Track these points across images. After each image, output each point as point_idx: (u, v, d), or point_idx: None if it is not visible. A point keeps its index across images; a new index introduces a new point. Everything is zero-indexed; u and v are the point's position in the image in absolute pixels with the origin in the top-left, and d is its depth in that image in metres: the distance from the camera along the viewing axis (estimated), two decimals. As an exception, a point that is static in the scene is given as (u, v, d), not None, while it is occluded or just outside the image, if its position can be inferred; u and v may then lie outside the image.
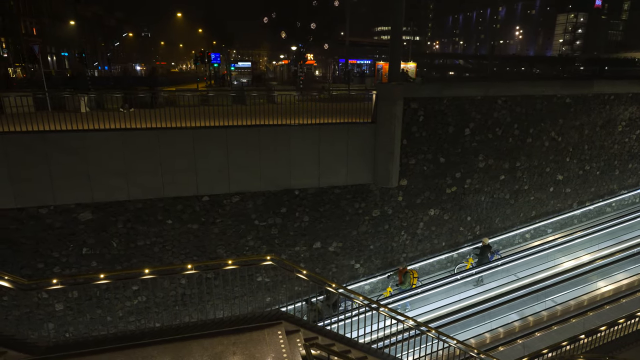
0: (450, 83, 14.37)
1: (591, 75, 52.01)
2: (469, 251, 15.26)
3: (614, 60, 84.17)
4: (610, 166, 17.27)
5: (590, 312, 11.81)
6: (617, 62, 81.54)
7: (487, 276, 14.03)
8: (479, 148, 14.62)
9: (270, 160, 12.34)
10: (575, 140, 16.19)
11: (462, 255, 15.39)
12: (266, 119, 12.53)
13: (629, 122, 16.96)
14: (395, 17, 14.03)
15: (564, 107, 15.58)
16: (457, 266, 14.95)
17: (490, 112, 14.46)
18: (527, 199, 16.09)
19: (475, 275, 13.79)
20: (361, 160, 13.21)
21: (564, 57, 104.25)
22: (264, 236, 12.89)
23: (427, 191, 14.34)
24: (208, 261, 11.17)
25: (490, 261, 14.08)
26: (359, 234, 13.93)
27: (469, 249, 15.28)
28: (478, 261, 14.30)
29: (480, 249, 14.33)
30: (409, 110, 13.26)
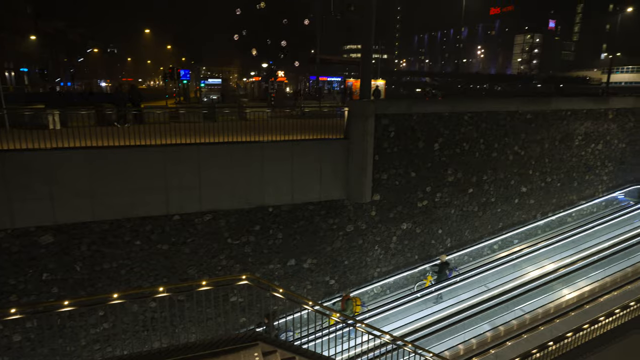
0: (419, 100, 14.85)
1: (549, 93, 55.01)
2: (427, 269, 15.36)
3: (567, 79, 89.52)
4: (570, 178, 18.15)
5: (557, 319, 12.21)
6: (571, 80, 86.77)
7: (447, 293, 14.07)
8: (448, 162, 15.05)
9: (243, 177, 12.22)
10: (537, 153, 16.96)
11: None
12: (238, 135, 12.45)
13: (585, 136, 17.96)
14: (365, 37, 14.43)
15: (525, 123, 16.34)
16: (416, 284, 14.95)
17: (458, 127, 14.97)
18: (494, 211, 16.62)
19: (435, 292, 13.90)
20: (334, 176, 13.31)
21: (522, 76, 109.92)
22: (237, 255, 12.66)
23: (400, 205, 14.56)
24: (179, 283, 10.83)
25: (449, 278, 14.23)
26: (333, 250, 13.92)
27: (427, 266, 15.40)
28: (437, 278, 14.39)
29: (439, 266, 14.46)
30: (380, 127, 13.53)
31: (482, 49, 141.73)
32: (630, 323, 12.02)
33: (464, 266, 15.96)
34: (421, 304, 13.70)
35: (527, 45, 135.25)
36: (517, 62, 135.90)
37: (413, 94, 70.83)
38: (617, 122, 18.56)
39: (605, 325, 11.47)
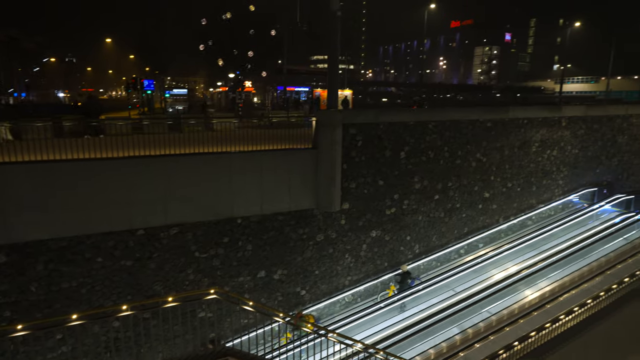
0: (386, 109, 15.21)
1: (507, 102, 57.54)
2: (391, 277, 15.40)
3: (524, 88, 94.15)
4: (529, 183, 18.99)
5: (521, 319, 12.65)
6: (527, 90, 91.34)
7: (414, 299, 14.20)
8: (414, 170, 15.39)
9: (211, 189, 12.00)
10: (498, 160, 17.65)
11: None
12: (205, 146, 12.24)
13: (541, 143, 18.88)
14: (331, 47, 14.63)
15: (486, 131, 17.00)
16: (380, 294, 15.01)
17: (423, 136, 15.37)
18: (459, 216, 17.10)
19: (398, 301, 13.99)
20: (303, 185, 13.30)
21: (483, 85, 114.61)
22: (205, 268, 12.35)
23: (369, 213, 14.72)
24: (144, 300, 10.42)
25: (412, 286, 14.37)
26: (304, 260, 13.86)
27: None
28: (399, 288, 14.51)
29: (401, 276, 14.57)
30: (348, 136, 13.69)
31: (444, 60, 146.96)
32: (588, 319, 12.63)
33: (432, 271, 16.28)
34: (391, 311, 13.84)
35: (486, 56, 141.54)
36: (477, 73, 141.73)
37: (380, 103, 72.29)
38: (570, 129, 19.65)
39: (566, 323, 11.99)
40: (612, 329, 12.70)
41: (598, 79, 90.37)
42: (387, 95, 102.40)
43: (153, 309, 5.70)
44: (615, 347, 13.09)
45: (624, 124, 21.41)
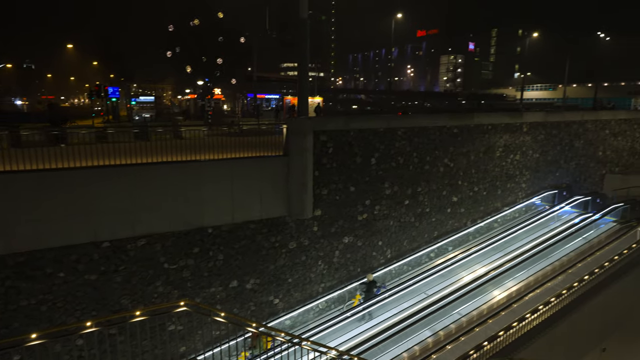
0: (356, 116, 15.39)
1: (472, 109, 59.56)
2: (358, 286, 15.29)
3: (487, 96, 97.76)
4: (494, 187, 19.66)
5: (490, 319, 12.99)
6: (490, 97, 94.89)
7: (385, 305, 14.25)
8: (385, 176, 15.63)
9: (180, 198, 11.73)
10: (464, 165, 18.19)
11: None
12: (174, 155, 11.98)
13: (505, 148, 19.63)
14: (301, 55, 14.71)
15: (452, 137, 17.51)
16: (346, 304, 14.86)
17: (392, 142, 15.65)
18: (429, 220, 17.47)
19: (364, 310, 13.89)
20: (275, 193, 13.23)
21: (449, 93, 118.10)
22: (174, 280, 12.02)
23: (341, 220, 14.80)
24: (110, 315, 10.02)
25: (377, 295, 14.26)
26: (277, 268, 13.74)
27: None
28: (365, 297, 14.39)
29: (367, 285, 14.46)
30: (318, 143, 13.75)
31: (412, 68, 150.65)
32: (552, 317, 13.12)
33: (404, 275, 16.51)
34: (366, 317, 13.91)
35: (451, 65, 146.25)
36: (443, 81, 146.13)
37: (350, 110, 73.10)
38: (531, 134, 20.54)
39: (532, 321, 12.41)
40: (574, 324, 13.24)
41: (556, 86, 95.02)
42: (357, 102, 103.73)
43: (120, 324, 5.49)
44: (577, 342, 13.68)
45: (580, 129, 22.59)
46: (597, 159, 23.84)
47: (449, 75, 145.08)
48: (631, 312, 15.89)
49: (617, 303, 14.81)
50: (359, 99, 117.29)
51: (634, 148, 25.63)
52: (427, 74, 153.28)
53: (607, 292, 14.35)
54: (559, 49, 72.91)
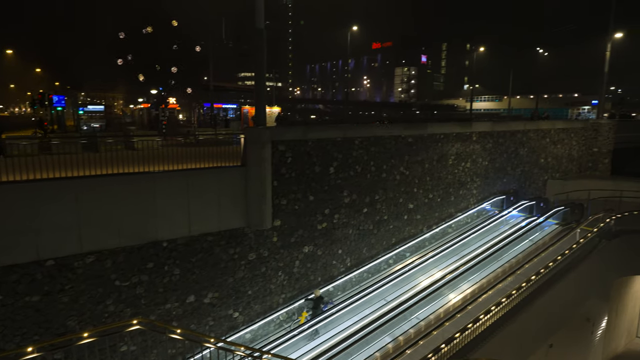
0: (314, 126, 15.56)
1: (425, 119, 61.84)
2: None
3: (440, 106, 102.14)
4: (447, 193, 20.45)
5: (447, 322, 13.38)
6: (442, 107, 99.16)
7: (346, 313, 14.14)
8: (343, 185, 15.83)
9: (133, 212, 11.24)
10: (420, 173, 18.81)
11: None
12: (126, 167, 11.50)
13: (457, 156, 20.52)
14: (258, 64, 14.67)
15: (407, 146, 18.08)
16: (293, 321, 14.48)
17: (350, 151, 15.91)
18: (387, 227, 17.84)
19: (312, 327, 13.31)
20: (233, 204, 13.02)
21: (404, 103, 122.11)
22: (127, 298, 11.44)
23: (300, 229, 14.78)
24: (56, 339, 9.35)
25: (324, 311, 13.79)
26: (236, 281, 13.46)
27: None
28: (312, 314, 13.86)
29: (314, 301, 13.95)
30: (277, 153, 13.72)
31: (368, 79, 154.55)
32: (504, 317, 13.74)
33: (364, 283, 16.70)
34: (327, 325, 13.89)
35: (405, 76, 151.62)
36: (398, 91, 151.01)
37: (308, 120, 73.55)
38: (480, 143, 21.63)
39: (485, 322, 12.93)
40: (523, 323, 13.93)
41: (501, 97, 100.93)
42: (315, 112, 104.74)
43: (65, 348, 5.15)
44: (527, 340, 14.40)
45: (523, 138, 24.08)
46: (539, 166, 25.48)
47: (404, 86, 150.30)
48: (574, 309, 16.96)
49: (561, 301, 15.76)
50: (317, 108, 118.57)
51: (572, 155, 27.66)
52: (382, 85, 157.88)
53: (552, 291, 15.24)
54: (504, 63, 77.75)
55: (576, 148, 27.86)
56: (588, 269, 16.67)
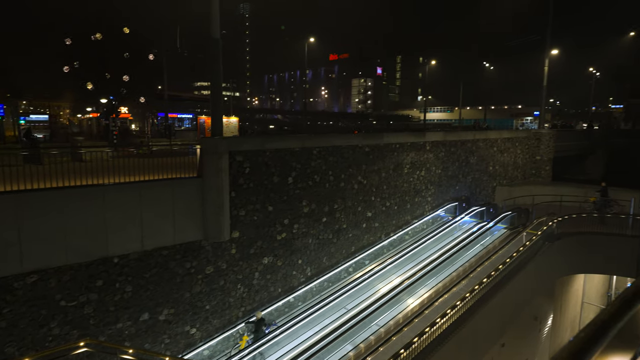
0: (271, 136, 15.54)
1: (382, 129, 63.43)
2: None
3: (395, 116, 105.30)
4: (403, 201, 21.04)
5: (405, 327, 13.68)
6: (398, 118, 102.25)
7: (307, 323, 14.10)
8: (302, 195, 15.86)
9: (80, 227, 10.64)
10: (377, 182, 19.24)
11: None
12: (72, 179, 10.90)
13: (411, 165, 21.20)
14: (214, 74, 14.50)
15: (365, 155, 18.47)
16: (234, 347, 13.65)
17: (308, 161, 16.01)
18: (346, 236, 18.04)
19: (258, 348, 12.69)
20: (189, 216, 12.67)
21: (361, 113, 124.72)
22: (74, 319, 10.76)
23: (260, 240, 14.61)
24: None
25: (267, 334, 13.11)
26: (193, 296, 13.04)
27: None
28: (254, 337, 13.09)
29: (255, 324, 13.16)
30: (234, 163, 13.55)
31: (326, 90, 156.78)
32: (459, 319, 14.23)
33: (324, 292, 16.72)
34: (291, 335, 13.76)
35: (362, 87, 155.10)
36: (355, 102, 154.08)
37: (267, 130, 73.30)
38: (433, 152, 22.50)
39: (441, 325, 13.33)
40: (477, 324, 14.51)
41: (453, 108, 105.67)
42: (274, 122, 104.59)
43: (2, 377, 4.75)
44: (480, 340, 14.99)
45: (473, 147, 25.32)
46: (488, 173, 26.85)
47: (361, 97, 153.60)
48: (523, 308, 17.90)
49: (511, 301, 16.59)
50: (275, 119, 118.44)
51: (517, 163, 29.40)
52: (340, 96, 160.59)
53: (502, 292, 16.01)
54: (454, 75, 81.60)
55: (521, 156, 29.66)
56: (534, 270, 17.68)
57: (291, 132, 53.79)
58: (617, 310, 1.24)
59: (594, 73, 74.09)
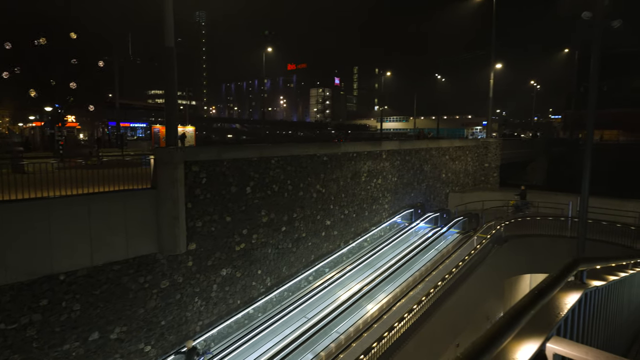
0: (229, 146, 15.34)
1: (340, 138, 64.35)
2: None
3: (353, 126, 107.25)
4: (362, 209, 21.45)
5: (365, 333, 13.89)
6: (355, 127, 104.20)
7: (267, 334, 13.92)
8: (261, 204, 15.79)
9: (22, 244, 9.99)
10: (335, 190, 19.51)
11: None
12: (12, 193, 10.24)
13: (369, 173, 21.70)
14: (168, 83, 14.18)
15: (323, 164, 18.70)
16: None
17: (267, 171, 15.99)
18: (306, 245, 18.11)
19: None
20: (143, 229, 12.24)
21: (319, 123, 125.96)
22: (15, 342, 10.03)
23: (218, 252, 14.35)
24: None
25: None
26: (147, 312, 12.55)
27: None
28: None
29: (186, 355, 12.29)
30: (190, 174, 13.28)
31: (284, 99, 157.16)
32: (416, 322, 14.67)
33: (285, 302, 16.64)
34: (252, 345, 13.56)
35: (320, 97, 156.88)
36: (314, 112, 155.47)
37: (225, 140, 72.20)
38: (389, 160, 23.17)
39: (400, 329, 13.67)
40: (433, 326, 15.01)
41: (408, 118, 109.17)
42: (232, 131, 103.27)
43: None
44: (437, 341, 15.48)
45: (427, 155, 26.33)
46: (441, 181, 27.99)
47: (319, 106, 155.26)
48: (475, 309, 18.70)
49: (464, 302, 17.30)
50: (234, 128, 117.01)
51: (467, 170, 30.87)
52: (298, 105, 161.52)
53: (456, 294, 16.69)
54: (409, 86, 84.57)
55: (471, 164, 31.18)
56: (485, 271, 18.58)
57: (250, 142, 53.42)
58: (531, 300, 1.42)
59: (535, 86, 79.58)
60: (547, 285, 1.53)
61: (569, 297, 2.24)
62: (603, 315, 3.86)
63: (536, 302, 1.38)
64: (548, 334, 1.78)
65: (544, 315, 1.77)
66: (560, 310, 1.94)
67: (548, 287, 1.53)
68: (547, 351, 1.70)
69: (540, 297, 1.44)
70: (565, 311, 1.97)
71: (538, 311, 1.44)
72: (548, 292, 1.50)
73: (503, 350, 1.23)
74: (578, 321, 2.46)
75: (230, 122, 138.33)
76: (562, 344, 1.70)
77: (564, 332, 1.95)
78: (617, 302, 5.04)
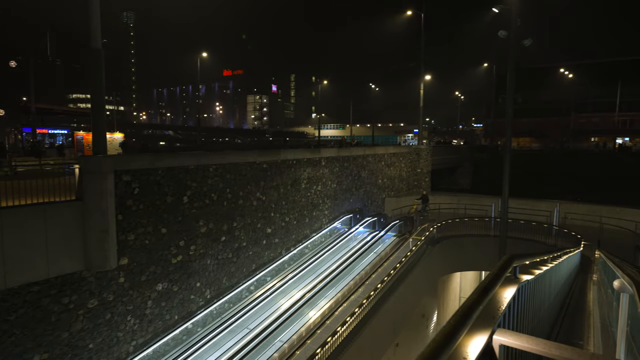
0: (164, 154, 14.57)
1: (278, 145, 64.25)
2: None
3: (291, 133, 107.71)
4: (302, 215, 21.53)
5: (308, 340, 13.87)
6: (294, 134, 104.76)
7: (209, 348, 13.59)
8: (199, 214, 15.22)
9: None
10: (276, 198, 19.39)
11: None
12: None
13: (308, 180, 21.87)
14: (95, 87, 13.20)
15: (262, 172, 18.52)
16: None
17: (205, 179, 15.47)
18: (247, 254, 17.75)
19: None
20: (66, 245, 11.21)
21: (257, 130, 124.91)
22: None
23: (152, 265, 13.57)
24: None
25: None
26: (72, 335, 11.48)
27: None
28: None
29: None
30: (121, 184, 12.46)
31: (220, 105, 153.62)
32: (358, 325, 14.96)
33: (225, 314, 16.13)
34: None
35: (257, 104, 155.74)
36: (251, 119, 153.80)
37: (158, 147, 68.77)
38: (328, 167, 23.55)
39: (342, 333, 13.86)
40: (374, 328, 15.41)
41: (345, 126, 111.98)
42: (165, 138, 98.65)
43: None
44: (378, 343, 15.93)
45: (364, 162, 27.16)
46: (378, 186, 29.00)
47: (256, 113, 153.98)
48: (412, 308, 19.55)
49: (402, 303, 18.00)
50: (167, 135, 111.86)
51: (402, 175, 32.32)
52: (235, 112, 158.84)
53: (395, 295, 17.30)
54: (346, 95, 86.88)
55: (405, 169, 32.70)
56: (420, 271, 19.49)
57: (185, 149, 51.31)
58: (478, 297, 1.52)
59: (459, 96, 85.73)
60: (490, 282, 1.68)
61: (507, 291, 2.46)
62: (532, 306, 4.27)
63: (483, 299, 1.51)
64: (494, 327, 1.92)
65: (489, 310, 1.93)
66: (501, 305, 2.11)
67: (491, 283, 1.68)
68: (494, 343, 1.84)
69: (486, 294, 1.58)
70: (505, 305, 2.15)
71: (485, 306, 1.58)
72: (491, 289, 1.65)
73: (457, 346, 1.32)
74: (515, 313, 2.70)
75: (163, 128, 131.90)
76: (505, 335, 1.86)
77: (506, 324, 2.13)
78: (542, 293, 5.59)
